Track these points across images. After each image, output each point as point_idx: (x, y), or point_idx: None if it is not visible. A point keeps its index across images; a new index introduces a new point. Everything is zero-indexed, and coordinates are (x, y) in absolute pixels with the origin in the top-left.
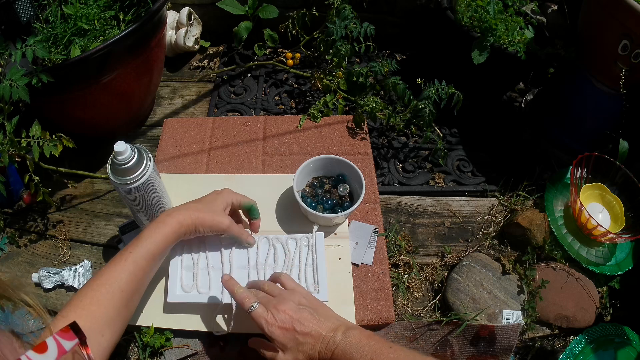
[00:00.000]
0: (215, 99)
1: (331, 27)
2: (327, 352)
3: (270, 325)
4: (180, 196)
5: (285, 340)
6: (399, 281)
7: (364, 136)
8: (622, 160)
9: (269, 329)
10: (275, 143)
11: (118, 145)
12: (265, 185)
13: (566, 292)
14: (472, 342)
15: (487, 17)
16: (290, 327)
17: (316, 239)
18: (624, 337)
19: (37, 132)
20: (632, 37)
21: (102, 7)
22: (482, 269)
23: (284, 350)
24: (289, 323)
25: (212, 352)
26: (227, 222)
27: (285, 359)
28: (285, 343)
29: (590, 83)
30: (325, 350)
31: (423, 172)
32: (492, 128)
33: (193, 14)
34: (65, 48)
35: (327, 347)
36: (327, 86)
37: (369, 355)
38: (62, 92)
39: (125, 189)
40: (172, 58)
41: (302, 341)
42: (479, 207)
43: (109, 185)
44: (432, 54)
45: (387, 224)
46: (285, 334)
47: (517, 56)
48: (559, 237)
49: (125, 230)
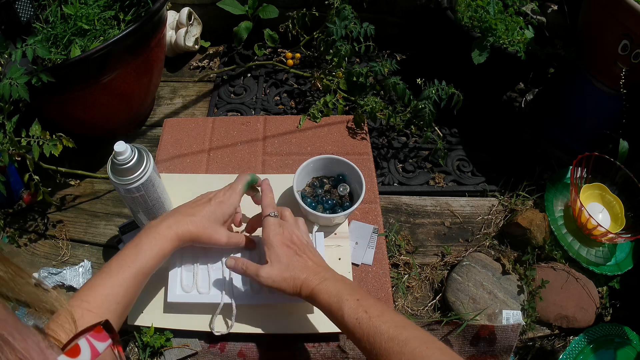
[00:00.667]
0: (215, 99)
1: (331, 27)
2: (313, 280)
3: (276, 234)
4: (180, 196)
5: (281, 252)
6: (399, 281)
7: (364, 136)
8: (622, 160)
9: (274, 237)
10: (275, 143)
11: (118, 145)
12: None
13: (566, 292)
14: (472, 342)
15: (487, 17)
16: (291, 245)
17: (316, 239)
18: (624, 337)
19: (37, 132)
20: (632, 37)
21: (102, 7)
22: (482, 269)
23: (272, 263)
24: (292, 242)
25: (212, 352)
26: (224, 239)
27: (270, 272)
28: (280, 255)
29: (590, 83)
30: (312, 278)
31: (423, 172)
32: (492, 128)
33: (193, 14)
34: (65, 48)
35: (314, 276)
36: (327, 86)
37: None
38: (62, 92)
39: (125, 189)
40: (172, 58)
41: (296, 260)
42: (479, 207)
43: (109, 185)
44: (432, 54)
45: (387, 224)
46: (284, 248)
47: (517, 56)
48: (559, 237)
49: (125, 230)
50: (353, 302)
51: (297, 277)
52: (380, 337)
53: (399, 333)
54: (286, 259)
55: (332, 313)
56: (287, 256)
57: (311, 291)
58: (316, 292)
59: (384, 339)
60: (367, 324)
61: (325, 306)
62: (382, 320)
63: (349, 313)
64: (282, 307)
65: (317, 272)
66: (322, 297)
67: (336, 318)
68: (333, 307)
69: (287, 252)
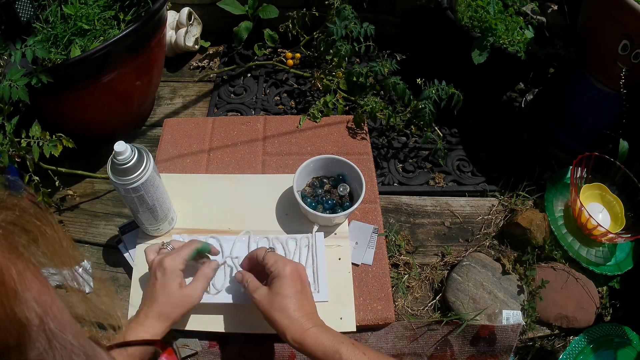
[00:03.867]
0: (215, 99)
1: (331, 27)
2: (304, 325)
3: (288, 264)
4: (180, 196)
5: (286, 284)
6: (399, 281)
7: (364, 136)
8: (622, 160)
9: (285, 265)
10: (275, 143)
11: (118, 145)
12: (265, 185)
13: (566, 292)
14: (472, 342)
15: (487, 17)
16: (299, 281)
17: (316, 239)
18: (624, 337)
19: (37, 132)
20: (632, 37)
21: (102, 7)
22: (482, 269)
23: (273, 290)
24: (300, 280)
25: (212, 352)
26: (195, 295)
27: (263, 295)
28: (284, 287)
29: (590, 83)
30: (304, 323)
31: (423, 172)
32: (492, 128)
33: (193, 14)
34: (65, 48)
35: (307, 321)
36: (327, 86)
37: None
38: (62, 92)
39: (125, 189)
40: (172, 58)
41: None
42: (479, 207)
43: (109, 185)
44: (432, 54)
45: (387, 224)
46: (292, 281)
47: (517, 56)
48: (559, 237)
49: (125, 230)
50: (349, 346)
51: (292, 314)
52: None
53: None
54: (288, 292)
55: (327, 356)
56: (291, 291)
57: (302, 333)
58: (308, 335)
59: None
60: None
61: (318, 350)
62: None
63: (348, 355)
64: None
65: (312, 317)
66: (314, 340)
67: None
68: (328, 350)
69: (293, 286)
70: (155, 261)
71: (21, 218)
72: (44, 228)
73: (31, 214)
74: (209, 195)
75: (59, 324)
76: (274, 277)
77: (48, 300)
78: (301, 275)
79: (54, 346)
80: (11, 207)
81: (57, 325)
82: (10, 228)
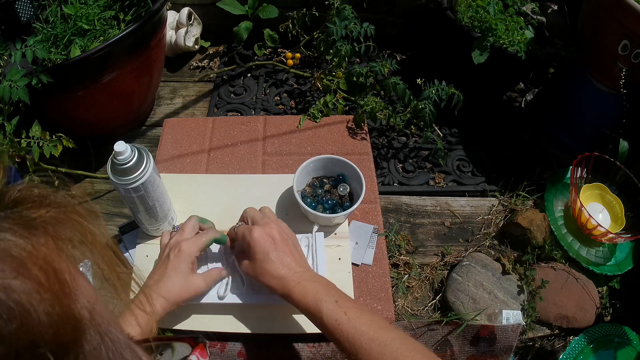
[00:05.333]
0: (215, 99)
1: (331, 27)
2: (291, 279)
3: (251, 230)
4: (180, 196)
5: (258, 247)
6: (399, 281)
7: (364, 136)
8: (622, 160)
9: (249, 234)
10: (275, 143)
11: (118, 145)
12: (265, 185)
13: (566, 292)
14: (472, 342)
15: (487, 17)
16: (269, 239)
17: (316, 239)
18: (624, 337)
19: (37, 133)
20: (632, 37)
21: (102, 7)
22: (482, 269)
23: (251, 258)
24: (271, 237)
25: (212, 352)
26: (202, 285)
27: (249, 268)
28: (257, 252)
29: (590, 83)
30: (290, 276)
31: (423, 172)
32: (492, 128)
33: (193, 14)
34: (65, 48)
35: (293, 275)
36: (327, 86)
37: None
38: (62, 92)
39: (125, 189)
40: (172, 58)
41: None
42: (479, 207)
43: (109, 185)
44: (432, 54)
45: (387, 224)
46: (261, 242)
47: (517, 56)
48: (559, 237)
49: (125, 230)
50: (331, 304)
51: (272, 275)
52: (360, 337)
53: (379, 334)
54: (262, 255)
55: (311, 313)
56: (263, 252)
57: (288, 291)
58: (293, 293)
59: (364, 339)
60: (347, 325)
61: (302, 307)
62: (362, 321)
63: (328, 314)
64: (281, 307)
65: (295, 271)
66: (299, 297)
67: (315, 319)
68: (311, 308)
69: (264, 247)
70: (171, 242)
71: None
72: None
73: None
74: (209, 195)
75: (104, 319)
76: (248, 246)
77: (93, 296)
78: (270, 233)
79: (105, 340)
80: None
81: (102, 320)
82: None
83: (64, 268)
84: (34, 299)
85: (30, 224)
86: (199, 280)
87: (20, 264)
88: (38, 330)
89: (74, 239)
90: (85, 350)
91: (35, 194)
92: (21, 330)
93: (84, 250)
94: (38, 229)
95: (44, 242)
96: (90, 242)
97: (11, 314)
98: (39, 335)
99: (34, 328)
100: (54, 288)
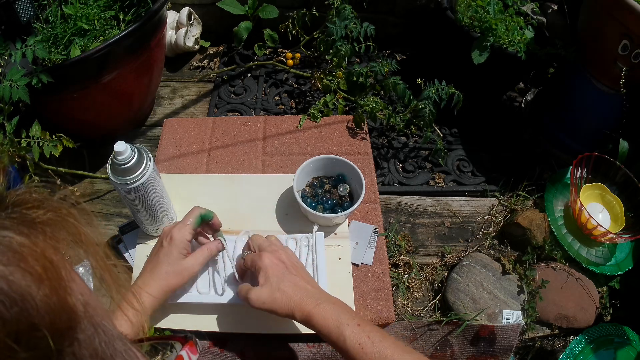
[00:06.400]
0: (215, 99)
1: (331, 27)
2: (309, 302)
3: (261, 256)
4: (180, 196)
5: (270, 272)
6: (399, 281)
7: (364, 136)
8: (622, 160)
9: (259, 260)
10: (275, 143)
11: (118, 145)
12: (265, 185)
13: (566, 292)
14: (472, 342)
15: (487, 17)
16: (280, 263)
17: (316, 239)
18: (624, 337)
19: (37, 132)
20: (632, 37)
21: (102, 7)
22: (482, 269)
23: (263, 283)
24: (281, 261)
25: (212, 352)
26: (196, 267)
27: (260, 294)
28: (269, 276)
29: (590, 83)
30: (307, 300)
31: (423, 172)
32: (492, 128)
33: (193, 14)
34: (65, 48)
35: (309, 299)
36: (327, 86)
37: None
38: (62, 92)
39: (125, 189)
40: (172, 58)
41: (288, 279)
42: (479, 207)
43: (109, 185)
44: (432, 54)
45: (387, 224)
46: (273, 267)
47: (517, 56)
48: (559, 237)
49: (125, 230)
50: (354, 327)
51: (290, 297)
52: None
53: (403, 358)
54: (276, 279)
55: (332, 337)
56: (277, 276)
57: (307, 314)
58: (313, 315)
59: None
60: (371, 348)
61: (323, 330)
62: (385, 345)
63: (352, 338)
64: None
65: (311, 294)
66: (320, 320)
67: (336, 343)
68: (332, 332)
69: (276, 271)
70: (164, 231)
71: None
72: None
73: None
74: (209, 195)
75: (97, 313)
76: (258, 273)
77: (86, 292)
78: (280, 257)
79: (99, 331)
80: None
81: (96, 313)
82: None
83: (60, 264)
84: (33, 289)
85: (30, 223)
86: (189, 262)
87: (21, 258)
88: (36, 315)
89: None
90: (79, 338)
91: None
92: (21, 315)
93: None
94: (36, 228)
95: (42, 240)
96: (84, 243)
97: (12, 301)
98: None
99: (33, 314)
100: (51, 280)
